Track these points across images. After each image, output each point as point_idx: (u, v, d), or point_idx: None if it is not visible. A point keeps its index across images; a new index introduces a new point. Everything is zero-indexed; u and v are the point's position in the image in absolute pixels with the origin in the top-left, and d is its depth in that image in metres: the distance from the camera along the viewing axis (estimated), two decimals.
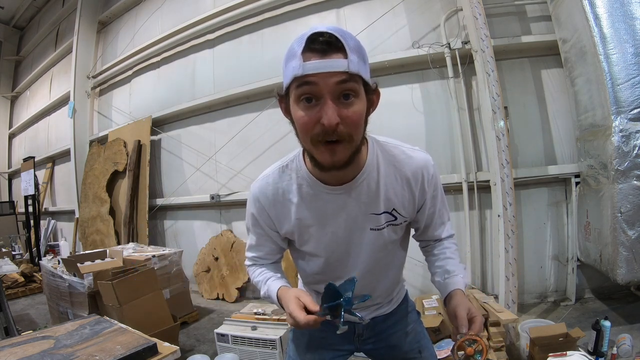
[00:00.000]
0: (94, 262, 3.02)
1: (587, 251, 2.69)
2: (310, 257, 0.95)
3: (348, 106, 0.67)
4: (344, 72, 0.65)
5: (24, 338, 1.45)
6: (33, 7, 7.64)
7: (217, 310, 3.61)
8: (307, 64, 0.65)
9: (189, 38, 4.54)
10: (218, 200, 4.15)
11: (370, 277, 0.95)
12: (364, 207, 0.84)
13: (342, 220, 0.85)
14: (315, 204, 0.84)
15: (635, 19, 2.31)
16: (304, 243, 0.91)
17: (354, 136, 0.69)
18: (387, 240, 0.90)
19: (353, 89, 0.67)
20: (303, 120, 0.68)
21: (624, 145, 2.25)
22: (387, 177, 0.83)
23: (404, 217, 0.87)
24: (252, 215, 0.91)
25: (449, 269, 0.94)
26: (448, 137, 3.15)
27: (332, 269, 0.94)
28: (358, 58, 0.67)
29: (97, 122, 5.83)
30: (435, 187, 0.88)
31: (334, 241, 0.88)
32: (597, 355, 2.03)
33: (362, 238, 0.88)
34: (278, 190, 0.86)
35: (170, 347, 1.37)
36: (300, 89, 0.67)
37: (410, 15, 3.30)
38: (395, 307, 1.07)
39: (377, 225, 0.86)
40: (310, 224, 0.86)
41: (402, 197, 0.85)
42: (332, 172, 0.75)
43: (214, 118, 4.37)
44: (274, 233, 0.93)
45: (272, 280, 0.93)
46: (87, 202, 5.31)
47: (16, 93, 8.48)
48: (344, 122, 0.67)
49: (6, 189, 8.66)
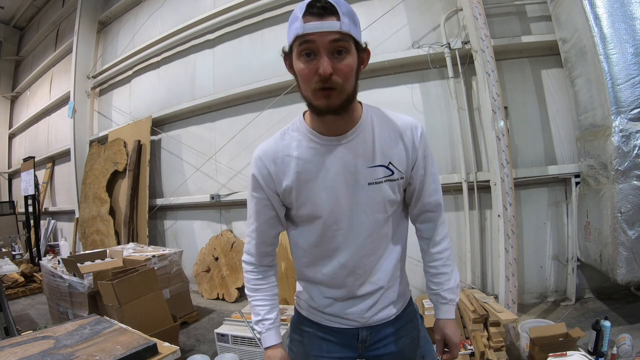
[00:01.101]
0: (94, 262, 3.02)
1: (587, 251, 2.69)
2: (308, 223, 0.95)
3: (340, 60, 0.79)
4: (337, 32, 0.76)
5: (24, 338, 1.45)
6: (33, 7, 7.65)
7: (217, 310, 3.61)
8: (306, 24, 0.77)
9: (189, 38, 4.54)
10: (218, 200, 4.15)
11: (371, 246, 0.94)
12: (361, 160, 0.89)
13: (340, 173, 0.89)
14: (314, 157, 0.90)
15: (635, 19, 2.31)
16: (302, 204, 0.92)
17: (345, 85, 0.80)
18: (386, 199, 0.92)
19: (344, 47, 0.79)
20: (304, 72, 0.80)
21: (624, 145, 2.26)
22: (381, 133, 0.91)
23: (400, 172, 0.92)
24: (253, 176, 0.95)
25: (442, 294, 1.01)
26: (448, 137, 3.15)
27: (329, 237, 0.93)
28: (349, 21, 0.78)
29: (97, 122, 5.83)
30: (425, 148, 0.94)
31: (332, 197, 0.90)
32: (597, 355, 2.04)
33: (360, 195, 0.91)
34: (279, 148, 0.93)
35: (170, 347, 1.37)
36: (301, 47, 0.79)
37: (410, 15, 3.30)
38: (400, 312, 1.03)
39: (374, 178, 0.90)
40: (309, 178, 0.90)
41: (396, 152, 0.91)
42: (329, 119, 0.85)
43: (214, 118, 4.37)
44: (273, 195, 0.95)
45: (267, 323, 1.00)
46: (87, 202, 5.32)
47: (16, 93, 8.48)
48: (337, 73, 0.78)
49: (6, 189, 8.66)
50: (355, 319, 0.99)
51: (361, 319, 0.98)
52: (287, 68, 0.88)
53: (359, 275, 0.96)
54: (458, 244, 3.08)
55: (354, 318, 0.99)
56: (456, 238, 3.10)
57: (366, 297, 0.97)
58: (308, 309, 1.04)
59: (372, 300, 0.98)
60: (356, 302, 0.98)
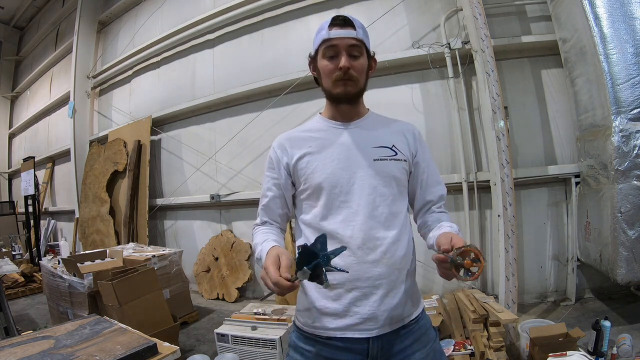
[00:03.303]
0: (94, 262, 3.01)
1: (587, 251, 2.68)
2: (315, 197, 0.99)
3: (356, 59, 0.99)
4: (354, 38, 0.98)
5: (24, 338, 1.45)
6: (33, 7, 7.65)
7: (217, 310, 3.61)
8: (331, 32, 0.98)
9: (189, 38, 4.54)
10: (218, 200, 4.15)
11: (379, 221, 0.95)
12: (368, 140, 1.02)
13: (349, 149, 1.01)
14: (326, 135, 1.04)
15: (635, 19, 2.31)
16: (310, 174, 1.00)
17: (359, 79, 1.00)
18: (392, 174, 1.00)
19: (359, 50, 1.00)
20: (328, 68, 0.99)
21: (624, 145, 2.25)
22: (384, 127, 1.07)
23: (404, 155, 1.03)
24: (269, 157, 1.08)
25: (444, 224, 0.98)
26: (448, 137, 3.15)
27: (336, 208, 0.96)
28: (363, 32, 1.01)
29: (97, 122, 5.83)
30: (424, 146, 1.08)
31: (339, 167, 0.99)
32: (597, 355, 2.04)
33: (367, 169, 0.99)
34: (296, 131, 1.10)
35: (170, 347, 1.37)
36: (326, 49, 0.99)
37: (410, 15, 3.30)
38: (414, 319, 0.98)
39: (380, 156, 1.01)
40: (321, 149, 1.02)
41: (399, 140, 1.05)
42: (343, 107, 1.04)
43: (214, 118, 4.37)
44: (284, 174, 1.05)
45: (267, 242, 0.96)
46: (87, 202, 5.32)
47: (16, 93, 8.48)
48: (353, 68, 0.98)
49: (6, 189, 8.66)
50: (364, 325, 0.91)
51: (372, 320, 0.91)
52: (311, 70, 1.08)
53: (369, 250, 0.92)
54: None
55: (364, 322, 0.91)
56: None
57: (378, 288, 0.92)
58: (310, 320, 0.97)
59: (384, 291, 0.92)
60: (367, 296, 0.91)
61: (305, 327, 0.98)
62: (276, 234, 1.04)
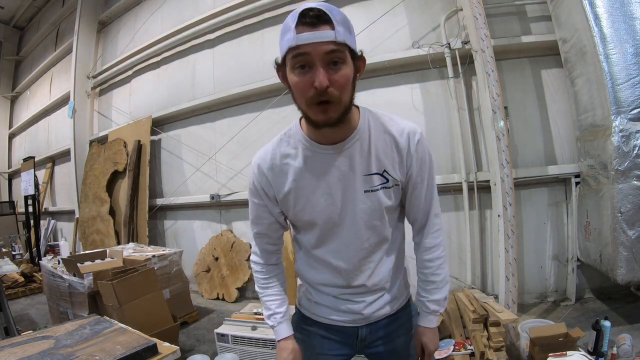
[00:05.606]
0: (94, 262, 3.02)
1: (587, 251, 2.69)
2: (306, 228, 0.97)
3: (336, 71, 0.75)
4: (332, 42, 0.73)
5: (24, 338, 1.45)
6: (33, 7, 7.65)
7: (217, 310, 3.61)
8: (299, 35, 0.73)
9: (189, 38, 4.54)
10: (218, 200, 4.15)
11: (369, 251, 0.95)
12: (358, 168, 0.89)
13: (337, 179, 0.89)
14: (311, 165, 0.89)
15: (635, 19, 2.31)
16: (300, 211, 0.93)
17: (342, 97, 0.78)
18: (383, 205, 0.91)
19: (340, 57, 0.75)
20: (299, 85, 0.77)
21: (624, 145, 2.25)
22: (377, 139, 0.89)
23: (395, 179, 0.91)
24: (252, 183, 0.96)
25: (427, 304, 1.02)
26: (448, 137, 3.15)
27: (328, 241, 0.95)
28: (344, 29, 0.75)
29: (97, 122, 5.83)
30: (422, 154, 0.91)
31: (329, 204, 0.90)
32: (597, 355, 2.03)
33: (357, 202, 0.90)
34: (276, 155, 0.92)
35: (170, 347, 1.37)
36: (295, 59, 0.75)
37: (410, 15, 3.30)
38: (399, 310, 1.06)
39: (370, 186, 0.90)
40: (306, 185, 0.90)
41: (391, 159, 0.90)
42: (326, 130, 0.82)
43: (214, 118, 4.37)
44: (271, 202, 0.96)
45: (278, 317, 1.02)
46: (87, 202, 5.32)
47: (16, 93, 8.48)
48: (333, 85, 0.75)
49: (6, 189, 8.66)
50: (354, 318, 1.01)
51: (360, 316, 1.01)
52: (281, 79, 0.85)
53: (357, 278, 0.97)
54: (458, 244, 3.08)
55: (354, 317, 1.01)
56: (456, 238, 3.10)
57: (365, 296, 1.00)
58: (309, 307, 1.07)
59: (371, 299, 1.00)
60: (356, 302, 1.00)
61: (305, 310, 1.09)
62: (279, 293, 1.05)
